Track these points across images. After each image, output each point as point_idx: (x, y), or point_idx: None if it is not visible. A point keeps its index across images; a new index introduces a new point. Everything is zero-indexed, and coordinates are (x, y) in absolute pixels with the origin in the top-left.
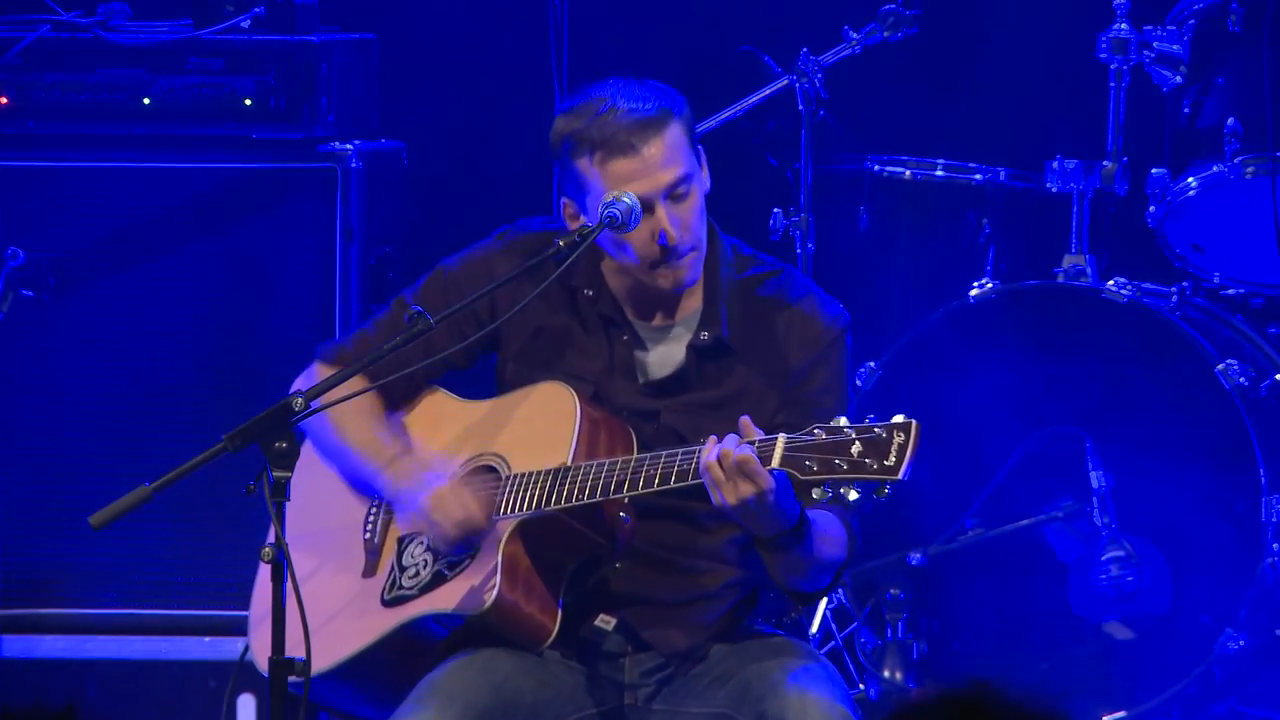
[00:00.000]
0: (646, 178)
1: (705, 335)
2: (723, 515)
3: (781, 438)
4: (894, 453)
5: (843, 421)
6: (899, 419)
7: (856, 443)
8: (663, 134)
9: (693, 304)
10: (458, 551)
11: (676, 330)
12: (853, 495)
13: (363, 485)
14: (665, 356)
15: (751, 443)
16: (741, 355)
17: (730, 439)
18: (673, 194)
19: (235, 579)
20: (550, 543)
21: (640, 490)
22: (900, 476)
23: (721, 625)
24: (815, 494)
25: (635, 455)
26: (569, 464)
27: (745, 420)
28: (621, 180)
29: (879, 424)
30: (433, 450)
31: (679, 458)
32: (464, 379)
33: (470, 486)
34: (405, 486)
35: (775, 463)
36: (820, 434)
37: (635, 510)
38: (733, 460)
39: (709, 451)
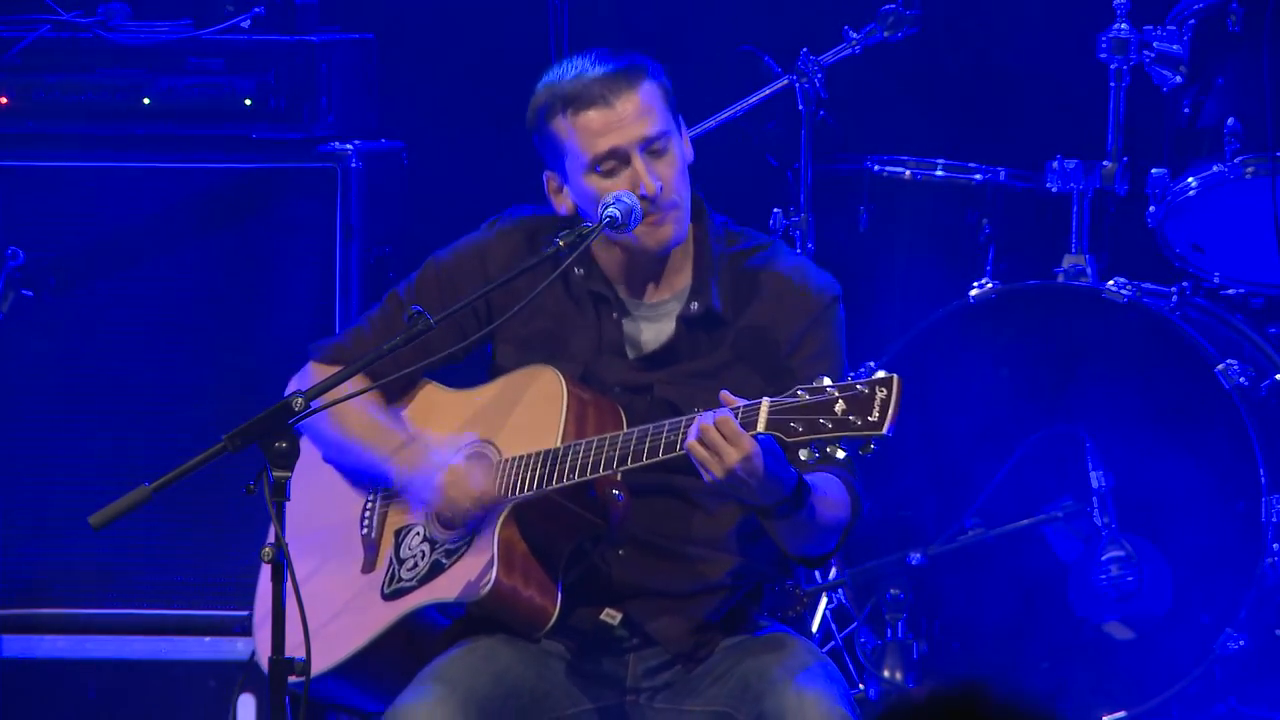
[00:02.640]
0: (620, 129)
1: (695, 306)
2: (719, 493)
3: (765, 401)
4: (877, 408)
5: (825, 381)
6: (880, 374)
7: (840, 401)
8: (635, 88)
9: (683, 279)
10: (470, 527)
11: (668, 305)
12: (839, 454)
13: (368, 476)
14: (657, 331)
15: (736, 410)
16: (733, 326)
17: (707, 415)
18: (650, 148)
19: (235, 579)
20: (545, 525)
21: (631, 464)
22: (884, 431)
23: (726, 622)
24: (803, 455)
25: (625, 431)
26: (559, 445)
27: (725, 393)
28: (595, 133)
29: (861, 380)
30: (432, 444)
31: (666, 429)
32: (457, 365)
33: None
34: (416, 471)
35: (761, 427)
36: (803, 395)
37: (632, 492)
38: (712, 429)
39: (690, 431)
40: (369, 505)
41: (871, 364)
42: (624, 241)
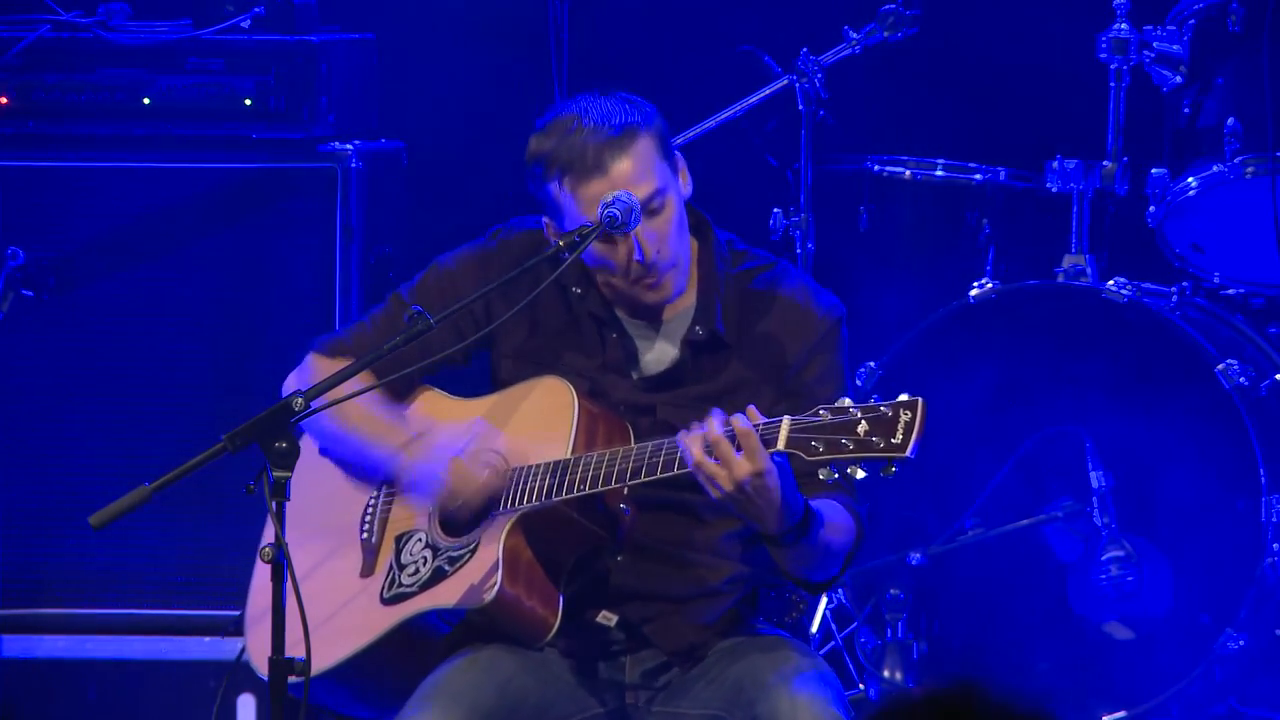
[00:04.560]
0: None
1: (700, 330)
2: (725, 512)
3: (786, 419)
4: (901, 430)
5: (847, 402)
6: (904, 397)
7: (863, 422)
8: (630, 151)
9: (686, 300)
10: (473, 531)
11: (670, 327)
12: (859, 474)
13: (371, 470)
14: (660, 352)
15: (756, 426)
16: (737, 349)
17: (708, 425)
18: (647, 209)
19: (235, 579)
20: (551, 536)
21: (643, 479)
22: (908, 454)
23: (722, 625)
24: (821, 475)
25: (635, 445)
26: (568, 457)
27: (751, 408)
28: (594, 200)
29: (884, 403)
30: (438, 438)
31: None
32: (457, 377)
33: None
34: (421, 464)
35: (781, 445)
36: (825, 415)
37: (635, 502)
38: (729, 439)
39: (692, 449)
40: (369, 509)
41: (872, 364)
42: (623, 291)
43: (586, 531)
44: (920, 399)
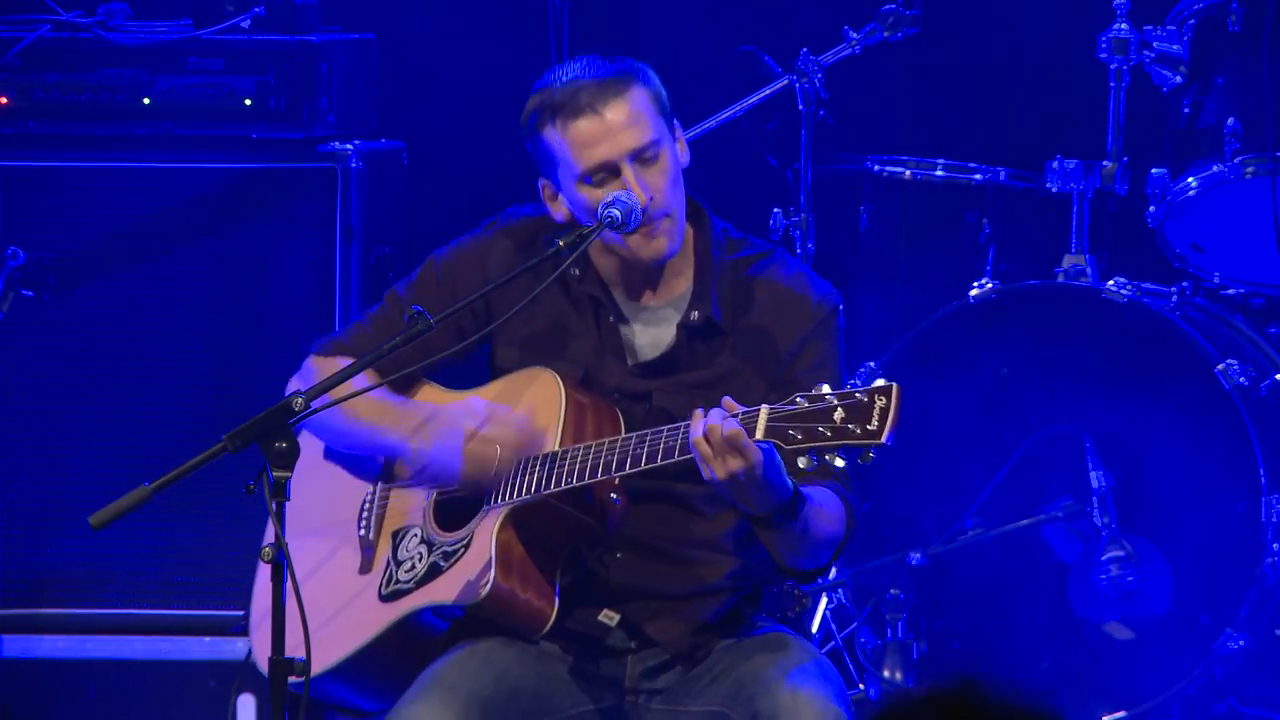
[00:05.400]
0: (609, 140)
1: (695, 315)
2: (715, 494)
3: (764, 409)
4: (876, 416)
5: (825, 389)
6: (880, 383)
7: (839, 409)
8: (625, 96)
9: (682, 285)
10: (468, 520)
11: (666, 311)
12: (839, 463)
13: (385, 454)
14: (656, 338)
15: (735, 416)
16: (732, 335)
17: (716, 413)
18: (640, 157)
19: (235, 579)
20: (543, 528)
21: (629, 470)
22: (884, 440)
23: (724, 623)
24: (801, 463)
25: (623, 435)
26: (556, 449)
27: (727, 399)
28: (585, 144)
29: (860, 389)
30: (447, 422)
31: (665, 434)
32: (456, 369)
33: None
34: (436, 446)
35: (759, 434)
36: (802, 402)
37: (630, 496)
38: (721, 435)
39: (696, 426)
40: (366, 505)
41: (871, 364)
42: (620, 251)
43: (578, 523)
44: (895, 384)
